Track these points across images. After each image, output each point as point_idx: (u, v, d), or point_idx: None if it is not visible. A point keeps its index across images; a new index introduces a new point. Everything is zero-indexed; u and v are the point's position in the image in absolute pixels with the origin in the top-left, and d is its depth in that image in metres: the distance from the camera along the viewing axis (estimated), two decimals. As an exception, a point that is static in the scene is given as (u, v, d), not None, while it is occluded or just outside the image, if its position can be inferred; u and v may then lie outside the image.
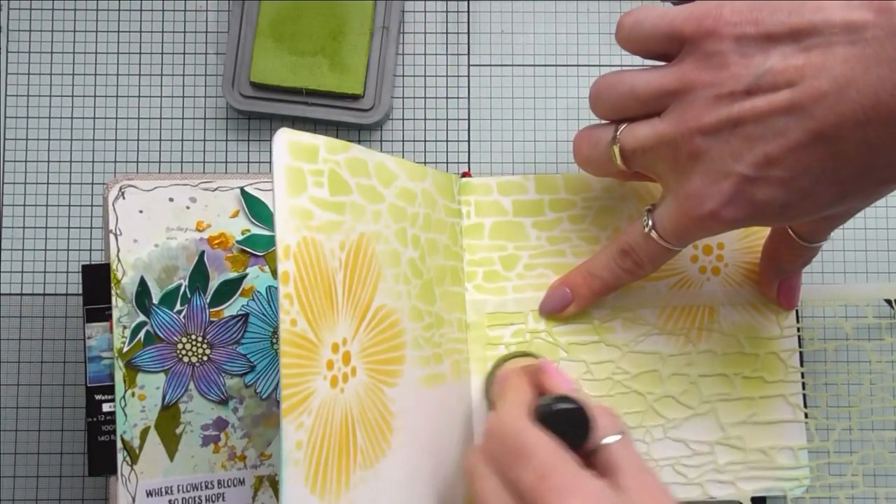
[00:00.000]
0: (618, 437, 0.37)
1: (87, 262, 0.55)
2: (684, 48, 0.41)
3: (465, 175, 0.52)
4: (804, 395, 0.51)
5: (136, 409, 0.48)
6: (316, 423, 0.37)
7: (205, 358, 0.49)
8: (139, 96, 0.57)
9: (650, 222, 0.45)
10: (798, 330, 0.51)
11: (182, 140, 0.57)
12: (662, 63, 0.43)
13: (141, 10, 0.58)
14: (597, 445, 0.37)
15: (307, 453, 0.36)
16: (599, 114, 0.46)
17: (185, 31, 0.58)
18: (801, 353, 0.51)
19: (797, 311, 0.52)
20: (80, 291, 0.55)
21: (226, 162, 0.57)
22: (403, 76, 0.58)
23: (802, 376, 0.51)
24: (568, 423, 0.37)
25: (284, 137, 0.38)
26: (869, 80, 0.36)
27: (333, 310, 0.39)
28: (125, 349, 0.48)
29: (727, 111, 0.40)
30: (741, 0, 0.40)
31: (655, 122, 0.43)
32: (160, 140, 0.57)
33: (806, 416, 0.51)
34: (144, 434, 0.48)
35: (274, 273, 0.49)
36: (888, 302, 0.54)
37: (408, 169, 0.46)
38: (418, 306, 0.45)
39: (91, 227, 0.56)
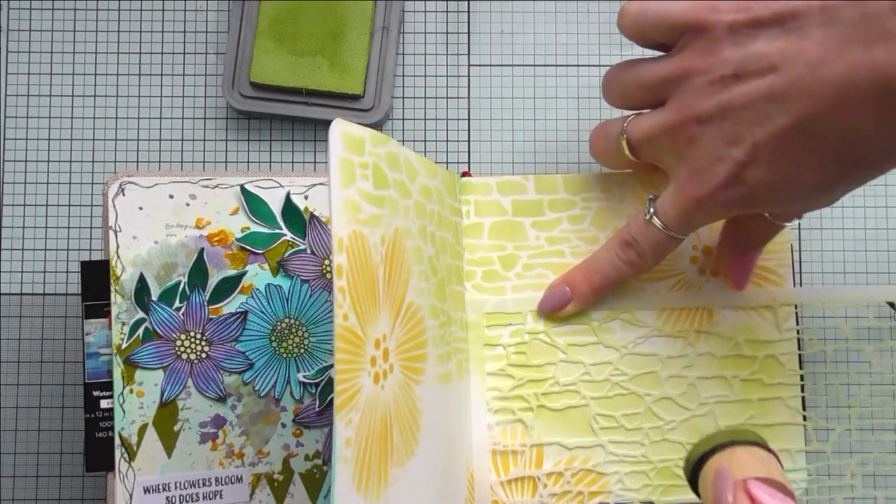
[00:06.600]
0: None
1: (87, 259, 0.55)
2: (683, 37, 0.43)
3: (465, 175, 0.52)
4: (803, 398, 0.51)
5: (134, 405, 0.48)
6: (362, 420, 0.37)
7: (203, 355, 0.49)
8: (139, 96, 0.57)
9: (652, 210, 0.46)
10: (797, 332, 0.51)
11: (182, 140, 0.57)
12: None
13: (141, 10, 0.58)
14: None
15: (355, 451, 0.36)
16: (610, 102, 0.48)
17: (185, 31, 0.58)
18: (800, 356, 0.51)
19: (796, 314, 0.51)
20: (80, 289, 0.55)
21: (226, 162, 0.57)
22: (403, 76, 0.58)
23: (801, 379, 0.51)
24: None
25: (339, 128, 0.38)
26: (841, 61, 0.37)
27: (376, 305, 0.39)
28: (124, 346, 0.48)
29: (718, 97, 0.41)
30: None
31: (658, 111, 0.45)
32: (160, 140, 0.57)
33: (804, 418, 0.51)
34: (142, 431, 0.48)
35: (273, 271, 0.49)
36: (890, 304, 0.54)
37: (426, 166, 0.46)
38: (435, 304, 0.45)
39: (91, 227, 0.56)
